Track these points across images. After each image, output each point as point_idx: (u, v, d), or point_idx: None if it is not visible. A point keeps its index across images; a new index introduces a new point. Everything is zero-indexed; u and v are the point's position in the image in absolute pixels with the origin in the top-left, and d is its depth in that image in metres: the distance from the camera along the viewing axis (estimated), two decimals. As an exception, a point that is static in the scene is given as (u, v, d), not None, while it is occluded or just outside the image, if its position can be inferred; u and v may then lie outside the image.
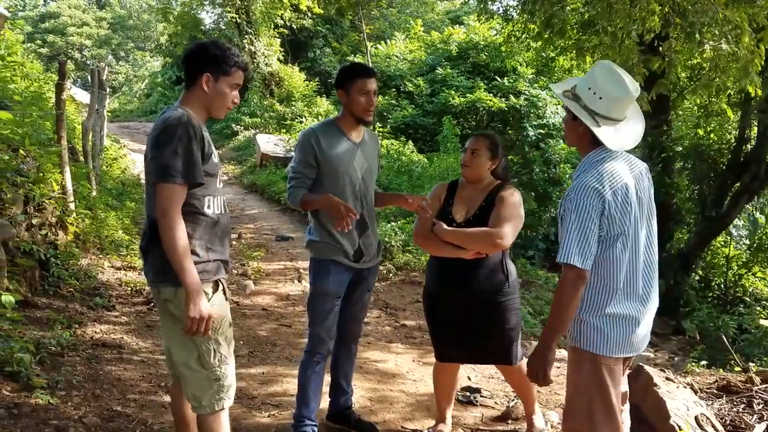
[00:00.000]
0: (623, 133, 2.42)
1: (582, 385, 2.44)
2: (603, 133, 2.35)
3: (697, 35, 4.72)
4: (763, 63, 5.04)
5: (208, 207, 2.43)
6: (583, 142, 2.43)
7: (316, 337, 3.21)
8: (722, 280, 10.66)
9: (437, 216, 3.17)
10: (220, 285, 2.48)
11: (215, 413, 2.47)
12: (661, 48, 5.47)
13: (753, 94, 5.46)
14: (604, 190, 2.28)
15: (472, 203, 3.16)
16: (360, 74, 3.12)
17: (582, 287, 2.30)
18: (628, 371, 2.82)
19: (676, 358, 7.18)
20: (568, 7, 7.09)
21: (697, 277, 10.56)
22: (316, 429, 3.26)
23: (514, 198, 3.10)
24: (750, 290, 10.53)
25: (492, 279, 3.12)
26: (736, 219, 10.91)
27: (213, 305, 2.41)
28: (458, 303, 3.16)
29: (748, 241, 11.69)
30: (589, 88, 2.38)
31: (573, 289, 2.28)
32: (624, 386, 2.73)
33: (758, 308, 9.22)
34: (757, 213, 12.05)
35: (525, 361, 3.29)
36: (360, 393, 4.10)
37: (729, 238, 11.20)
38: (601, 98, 2.35)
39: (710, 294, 10.44)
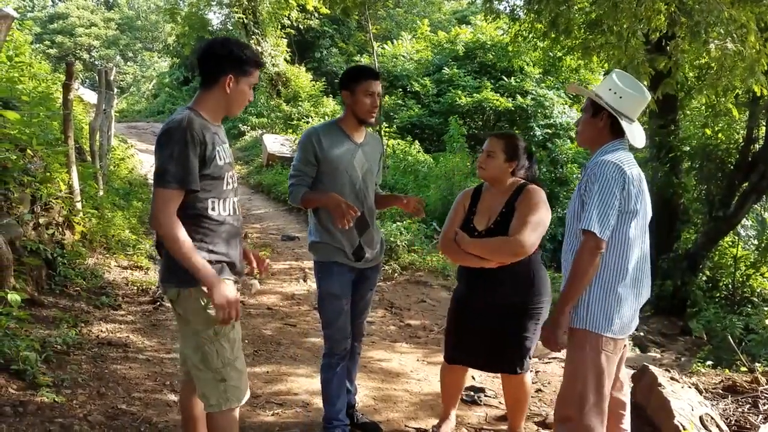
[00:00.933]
0: (638, 132, 2.64)
1: (579, 369, 2.52)
2: (626, 127, 2.54)
3: (702, 34, 4.70)
4: (768, 62, 5.02)
5: (213, 209, 2.43)
6: (601, 137, 2.61)
7: (331, 339, 3.24)
8: (730, 281, 10.59)
9: (461, 225, 3.15)
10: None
11: (223, 412, 2.49)
12: (667, 47, 5.45)
13: (759, 94, 5.42)
14: (624, 167, 2.45)
15: (494, 210, 3.10)
16: (366, 76, 3.13)
17: (598, 257, 2.42)
18: (629, 371, 2.84)
19: (682, 359, 7.15)
20: (575, 7, 7.08)
21: (704, 278, 10.48)
22: (347, 428, 3.29)
23: (534, 199, 3.01)
24: (758, 290, 10.45)
25: (519, 286, 3.07)
26: (745, 219, 10.84)
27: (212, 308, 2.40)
28: (486, 310, 3.11)
29: (756, 242, 11.62)
30: (610, 89, 2.58)
31: (590, 257, 2.41)
32: (623, 372, 2.78)
33: (766, 308, 9.15)
34: (766, 213, 11.97)
35: (528, 373, 3.28)
36: (364, 392, 4.11)
37: (737, 238, 11.13)
38: (621, 98, 2.56)
39: (718, 294, 10.36)
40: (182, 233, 2.31)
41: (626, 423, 2.78)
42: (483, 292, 3.11)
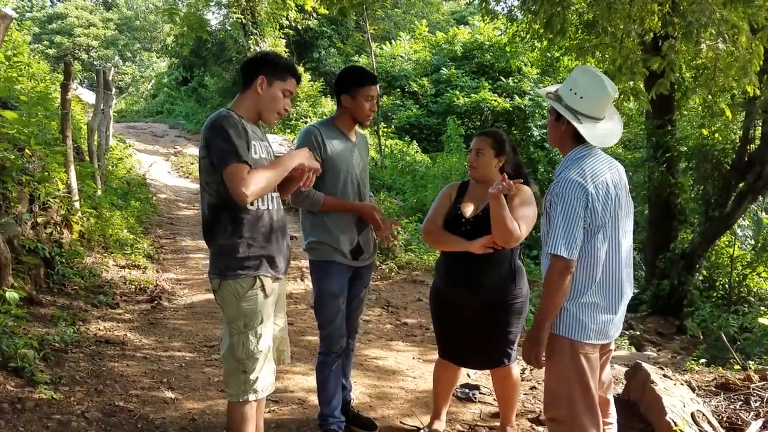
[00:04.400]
0: (604, 131, 2.56)
1: (561, 373, 2.54)
2: (585, 130, 2.48)
3: (694, 35, 4.73)
4: (761, 63, 5.04)
5: (251, 203, 2.51)
6: (565, 141, 2.57)
7: (328, 338, 3.25)
8: (726, 280, 10.63)
9: (447, 214, 3.17)
10: (258, 281, 2.55)
11: (240, 403, 2.58)
12: (661, 47, 5.48)
13: (752, 94, 5.46)
14: (587, 183, 2.41)
15: (481, 201, 3.12)
16: (369, 81, 3.15)
17: (568, 276, 2.42)
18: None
19: (678, 357, 7.19)
20: (571, 7, 7.10)
21: (701, 277, 10.51)
22: (342, 425, 3.33)
23: (524, 195, 3.05)
24: (754, 290, 10.49)
25: (500, 281, 3.09)
26: (741, 219, 10.86)
27: (247, 300, 2.53)
28: (465, 302, 3.13)
29: (752, 242, 11.65)
30: (571, 89, 2.52)
31: (560, 279, 2.42)
32: (607, 372, 2.80)
33: (762, 308, 9.19)
34: (762, 213, 11.99)
35: (516, 365, 3.31)
36: (360, 389, 4.14)
37: (733, 238, 11.16)
38: (582, 97, 2.50)
39: (714, 294, 10.39)
40: (257, 177, 2.42)
41: (612, 418, 2.82)
42: (464, 289, 3.12)
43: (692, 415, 3.38)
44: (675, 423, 3.23)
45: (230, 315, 2.56)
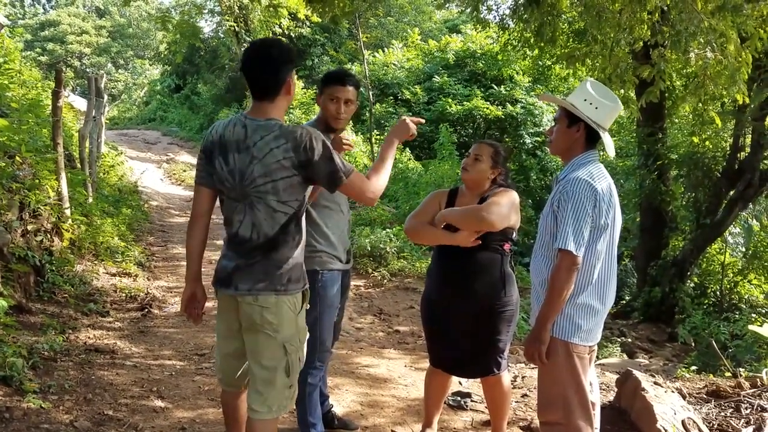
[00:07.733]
0: (609, 141, 2.67)
1: (555, 375, 2.57)
2: (604, 138, 2.60)
3: (683, 43, 4.78)
4: (749, 71, 5.08)
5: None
6: (575, 147, 2.64)
7: (321, 350, 3.13)
8: (718, 288, 10.67)
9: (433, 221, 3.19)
10: (305, 293, 2.49)
11: (275, 419, 2.46)
12: (651, 56, 5.53)
13: (741, 102, 5.50)
14: (595, 183, 2.50)
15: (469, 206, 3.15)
16: (333, 81, 3.08)
17: (575, 273, 2.46)
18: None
19: (670, 364, 7.20)
20: (562, 16, 7.14)
21: (692, 285, 10.55)
22: None
23: (504, 191, 3.10)
24: (745, 297, 10.54)
25: (490, 287, 3.09)
26: (732, 226, 10.92)
27: (302, 314, 2.46)
28: (455, 309, 3.14)
29: (743, 249, 11.70)
30: (585, 100, 2.60)
31: (567, 274, 2.45)
32: (592, 372, 2.81)
33: (753, 315, 9.22)
34: (753, 220, 12.05)
35: (506, 373, 3.30)
36: (351, 397, 4.12)
37: (724, 245, 11.21)
38: (597, 108, 2.58)
39: (706, 301, 10.42)
40: (376, 177, 2.59)
41: (596, 422, 2.83)
42: (454, 295, 3.13)
43: (683, 422, 3.39)
44: (666, 430, 3.24)
45: (287, 333, 2.38)
